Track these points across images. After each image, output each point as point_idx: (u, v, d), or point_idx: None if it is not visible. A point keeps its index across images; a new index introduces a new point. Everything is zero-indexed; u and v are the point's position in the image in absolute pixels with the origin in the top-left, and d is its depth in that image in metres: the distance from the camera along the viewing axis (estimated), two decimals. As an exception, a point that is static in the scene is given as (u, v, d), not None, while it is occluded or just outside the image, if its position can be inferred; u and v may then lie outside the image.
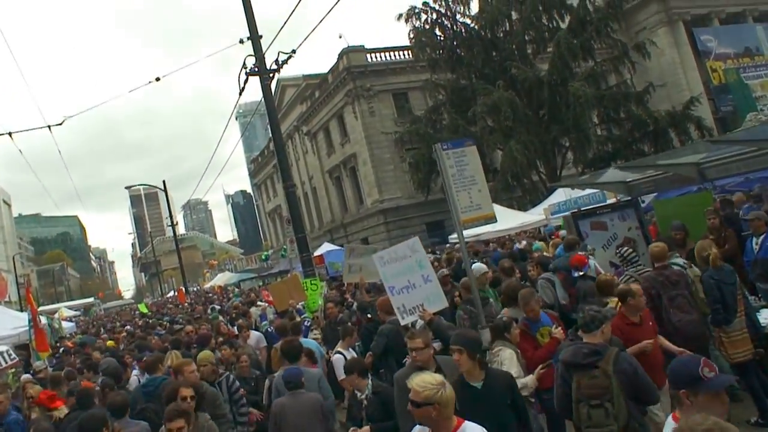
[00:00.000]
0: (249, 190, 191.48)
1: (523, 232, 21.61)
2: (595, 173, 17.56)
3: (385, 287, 7.43)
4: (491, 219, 7.33)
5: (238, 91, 15.63)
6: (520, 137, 26.93)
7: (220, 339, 9.98)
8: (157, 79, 19.18)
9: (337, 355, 7.45)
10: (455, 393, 3.77)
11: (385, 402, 5.41)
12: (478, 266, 8.32)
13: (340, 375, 6.95)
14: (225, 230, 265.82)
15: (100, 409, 5.91)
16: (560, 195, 21.27)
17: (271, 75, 14.83)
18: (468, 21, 31.07)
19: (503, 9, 29.56)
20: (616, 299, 6.32)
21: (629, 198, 11.07)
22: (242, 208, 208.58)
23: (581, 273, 7.98)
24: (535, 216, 21.89)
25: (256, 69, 14.31)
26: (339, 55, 37.32)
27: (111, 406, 5.91)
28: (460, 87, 30.60)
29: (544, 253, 12.91)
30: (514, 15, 30.20)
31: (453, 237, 25.88)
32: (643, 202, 11.56)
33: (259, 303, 17.31)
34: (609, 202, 15.56)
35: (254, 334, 10.50)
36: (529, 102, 28.53)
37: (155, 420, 6.03)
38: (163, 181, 37.47)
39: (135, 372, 8.98)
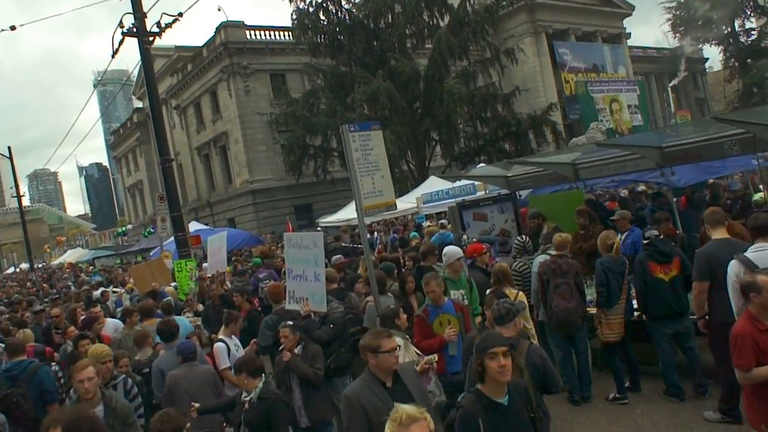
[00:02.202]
0: (105, 162, 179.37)
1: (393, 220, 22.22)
2: (485, 167, 18.54)
3: (286, 267, 7.47)
4: (392, 207, 7.30)
5: (111, 53, 14.69)
6: (395, 128, 27.62)
7: (73, 330, 8.40)
8: (12, 28, 17.70)
9: (220, 343, 6.97)
10: (478, 414, 3.37)
11: (270, 412, 4.92)
12: (453, 250, 7.36)
13: (222, 364, 6.74)
14: (76, 204, 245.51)
15: None
16: (431, 185, 22.23)
17: (151, 38, 14.03)
18: (353, 9, 31.32)
19: (387, 1, 30.11)
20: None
21: (508, 192, 12.00)
22: (97, 181, 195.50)
23: (470, 262, 8.06)
24: (405, 204, 22.54)
25: (135, 30, 13.43)
26: (216, 28, 35.96)
27: None
28: (339, 73, 30.79)
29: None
30: (398, 8, 30.84)
31: (322, 220, 26.22)
32: (520, 196, 12.56)
33: (115, 289, 16.26)
34: (479, 194, 16.65)
35: (111, 322, 9.32)
36: (405, 94, 29.31)
37: (24, 405, 5.76)
38: (9, 148, 34.06)
39: None
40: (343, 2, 31.33)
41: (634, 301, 7.08)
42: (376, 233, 18.39)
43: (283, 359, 5.84)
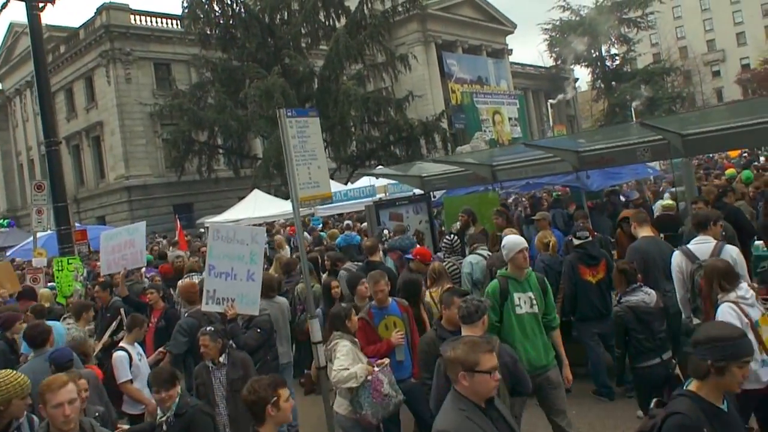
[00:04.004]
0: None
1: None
2: (382, 168, 18.49)
3: (206, 263, 6.74)
4: (327, 199, 7.04)
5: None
6: (288, 127, 26.95)
7: None
8: None
9: (119, 352, 6.11)
10: (703, 424, 2.83)
11: (190, 428, 4.32)
12: (514, 239, 5.47)
13: (121, 377, 5.92)
14: None
15: None
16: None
17: (42, 4, 12.65)
18: (249, 2, 30.20)
19: (285, -3, 29.42)
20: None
21: (423, 192, 11.86)
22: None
23: (408, 259, 7.93)
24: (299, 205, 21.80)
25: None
26: (97, 9, 33.47)
27: None
28: (231, 67, 29.61)
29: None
30: (295, 5, 30.24)
31: (206, 221, 24.97)
32: (434, 197, 12.47)
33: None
34: (378, 196, 16.55)
35: None
36: (298, 93, 28.72)
37: None
38: None
39: None
40: (240, -6, 30.16)
41: None
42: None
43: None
